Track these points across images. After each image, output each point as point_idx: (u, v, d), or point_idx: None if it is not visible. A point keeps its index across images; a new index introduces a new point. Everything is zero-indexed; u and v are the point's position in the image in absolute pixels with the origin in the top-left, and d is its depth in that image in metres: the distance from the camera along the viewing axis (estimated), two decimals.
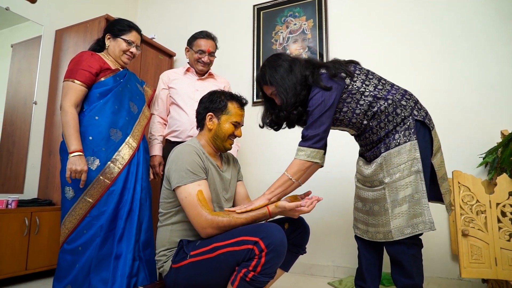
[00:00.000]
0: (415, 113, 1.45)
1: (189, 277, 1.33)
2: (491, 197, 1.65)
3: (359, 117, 1.50)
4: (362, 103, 1.47)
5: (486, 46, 2.37)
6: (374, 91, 1.47)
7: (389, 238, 1.43)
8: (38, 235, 2.30)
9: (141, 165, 1.76)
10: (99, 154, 1.62)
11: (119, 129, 1.69)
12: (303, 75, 1.51)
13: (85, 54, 1.71)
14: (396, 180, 1.41)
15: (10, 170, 2.60)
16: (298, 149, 1.47)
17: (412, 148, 1.41)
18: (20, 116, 2.70)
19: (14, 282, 2.30)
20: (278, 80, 1.51)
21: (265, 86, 1.59)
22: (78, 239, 1.59)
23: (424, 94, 2.50)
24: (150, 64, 3.16)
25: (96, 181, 1.61)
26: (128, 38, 1.78)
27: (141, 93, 1.90)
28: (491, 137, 2.22)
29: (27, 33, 2.82)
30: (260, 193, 1.52)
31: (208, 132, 1.56)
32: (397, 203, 1.41)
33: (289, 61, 1.55)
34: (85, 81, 1.64)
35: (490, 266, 1.58)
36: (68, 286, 1.56)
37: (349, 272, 2.47)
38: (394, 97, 1.46)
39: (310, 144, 1.44)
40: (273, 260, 1.21)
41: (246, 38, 3.21)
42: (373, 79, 1.52)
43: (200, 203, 1.34)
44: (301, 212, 1.35)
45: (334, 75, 1.46)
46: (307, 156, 1.45)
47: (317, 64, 1.55)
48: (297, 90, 1.49)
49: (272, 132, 2.76)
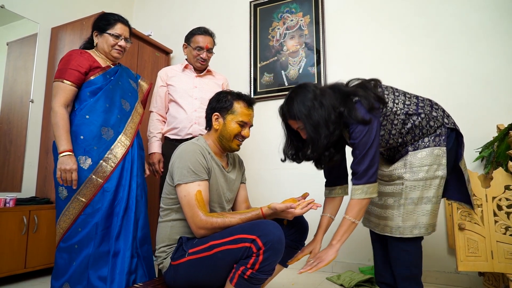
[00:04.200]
0: (446, 121, 1.45)
1: (188, 274, 1.33)
2: (487, 191, 1.66)
3: (395, 137, 1.47)
4: (396, 122, 1.45)
5: (483, 41, 2.38)
6: (404, 108, 1.44)
7: (396, 233, 1.43)
8: (36, 233, 2.31)
9: (135, 162, 1.75)
10: (91, 153, 1.61)
11: (111, 128, 1.67)
12: (336, 111, 1.38)
13: (74, 53, 1.69)
14: (418, 180, 1.41)
15: (7, 169, 2.59)
16: (354, 188, 1.39)
17: (440, 154, 1.41)
18: (17, 114, 2.69)
19: (13, 280, 2.30)
20: (308, 115, 1.37)
21: (290, 120, 1.47)
22: (74, 237, 1.59)
23: (420, 88, 2.50)
24: (146, 62, 3.15)
25: (88, 180, 1.60)
26: (114, 31, 1.75)
27: (133, 89, 1.87)
28: (487, 132, 2.24)
29: (23, 31, 2.80)
30: (256, 188, 1.52)
31: (214, 132, 1.56)
32: (413, 202, 1.41)
33: (318, 93, 1.41)
34: (74, 81, 1.63)
35: (486, 259, 1.60)
36: (66, 284, 1.56)
37: (347, 267, 2.49)
38: (425, 110, 1.45)
39: (366, 180, 1.36)
40: (271, 257, 1.21)
41: (243, 34, 3.21)
42: (399, 95, 1.48)
43: (197, 204, 1.34)
44: (293, 214, 1.32)
45: (371, 108, 1.36)
46: (365, 194, 1.37)
47: (346, 92, 1.43)
48: (330, 130, 1.36)
49: (268, 128, 2.76)
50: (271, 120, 2.77)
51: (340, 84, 1.51)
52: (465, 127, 2.33)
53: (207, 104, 1.61)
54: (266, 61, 3.08)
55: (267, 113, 2.81)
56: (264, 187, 2.83)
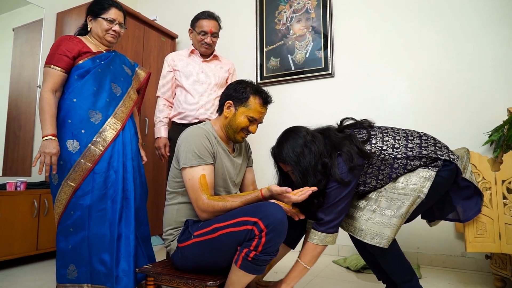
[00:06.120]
0: (440, 154, 1.42)
1: (194, 256, 1.35)
2: (496, 174, 1.65)
3: (383, 182, 1.46)
4: (384, 168, 1.43)
5: (493, 24, 2.32)
6: (392, 152, 1.42)
7: (358, 235, 1.43)
8: (47, 216, 2.35)
9: (128, 145, 1.73)
10: (79, 137, 1.60)
11: (99, 111, 1.65)
12: (322, 160, 1.40)
13: (64, 39, 1.68)
14: (397, 193, 1.40)
15: (17, 154, 2.63)
16: (312, 232, 1.43)
17: (426, 176, 1.39)
18: (24, 100, 2.71)
19: (26, 261, 2.36)
20: (297, 162, 1.39)
21: (281, 163, 1.51)
22: (67, 220, 1.60)
23: (430, 72, 2.48)
24: (152, 47, 3.13)
25: (77, 164, 1.59)
26: (108, 16, 1.73)
27: (127, 75, 1.84)
28: (497, 115, 2.21)
29: (28, 16, 2.80)
30: (263, 172, 1.51)
31: (224, 119, 1.54)
32: (381, 209, 1.41)
33: (308, 140, 1.42)
34: (63, 66, 1.62)
35: (494, 240, 1.60)
36: (72, 265, 1.60)
37: (353, 250, 2.50)
38: (414, 152, 1.41)
39: (325, 229, 1.40)
40: (274, 239, 1.21)
41: (249, 18, 3.17)
42: (389, 140, 1.45)
43: (201, 187, 1.35)
44: (289, 199, 1.29)
45: (352, 168, 1.36)
46: (321, 241, 1.41)
47: (334, 143, 1.43)
48: (318, 178, 1.38)
49: (274, 112, 2.73)
50: (277, 105, 2.76)
51: (332, 128, 1.51)
52: (475, 110, 2.32)
53: (224, 89, 1.59)
54: (272, 45, 3.05)
55: (273, 98, 2.79)
56: (271, 171, 2.83)
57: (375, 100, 2.62)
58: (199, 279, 1.32)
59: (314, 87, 2.88)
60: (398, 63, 2.59)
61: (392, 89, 2.59)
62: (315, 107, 2.83)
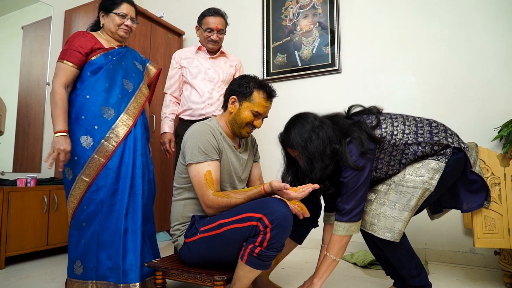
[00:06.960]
0: (450, 141, 1.41)
1: (201, 251, 1.37)
2: (506, 169, 1.63)
3: (394, 168, 1.46)
4: (395, 153, 1.43)
5: (503, 18, 2.29)
6: (403, 138, 1.42)
7: (370, 229, 1.43)
8: (57, 212, 2.38)
9: (139, 141, 1.75)
10: (93, 133, 1.62)
11: (111, 107, 1.67)
12: (332, 145, 1.39)
13: (77, 35, 1.70)
14: (406, 186, 1.41)
15: (27, 150, 2.66)
16: (336, 224, 1.43)
17: (436, 168, 1.39)
18: (34, 97, 2.74)
19: (37, 256, 2.40)
20: (304, 147, 1.39)
21: (288, 148, 1.51)
22: (81, 215, 1.63)
23: (438, 67, 2.45)
24: (159, 44, 3.15)
25: (91, 160, 1.61)
26: (120, 11, 1.75)
27: (138, 70, 1.85)
28: (506, 110, 2.18)
29: (37, 14, 2.82)
30: (270, 167, 1.51)
31: (229, 114, 1.56)
32: (391, 203, 1.41)
33: (316, 125, 1.42)
34: (75, 62, 1.63)
35: (503, 236, 1.59)
36: (78, 261, 1.62)
37: (360, 246, 2.50)
38: (425, 138, 1.41)
39: (349, 218, 1.40)
40: (279, 235, 1.22)
41: (256, 14, 3.16)
42: (398, 125, 1.44)
43: (206, 183, 1.37)
44: (288, 195, 1.28)
45: (364, 152, 1.35)
46: (346, 231, 1.41)
47: (343, 129, 1.42)
48: (325, 163, 1.38)
49: (281, 108, 2.74)
50: (284, 102, 2.76)
51: (340, 115, 1.50)
52: (484, 105, 2.29)
53: (228, 85, 1.60)
54: (279, 41, 3.04)
55: (280, 94, 2.78)
56: (278, 166, 2.83)
57: (383, 96, 2.61)
58: (207, 274, 1.34)
59: (321, 83, 2.87)
60: (405, 58, 2.57)
61: (399, 84, 2.57)
62: (322, 103, 2.82)
